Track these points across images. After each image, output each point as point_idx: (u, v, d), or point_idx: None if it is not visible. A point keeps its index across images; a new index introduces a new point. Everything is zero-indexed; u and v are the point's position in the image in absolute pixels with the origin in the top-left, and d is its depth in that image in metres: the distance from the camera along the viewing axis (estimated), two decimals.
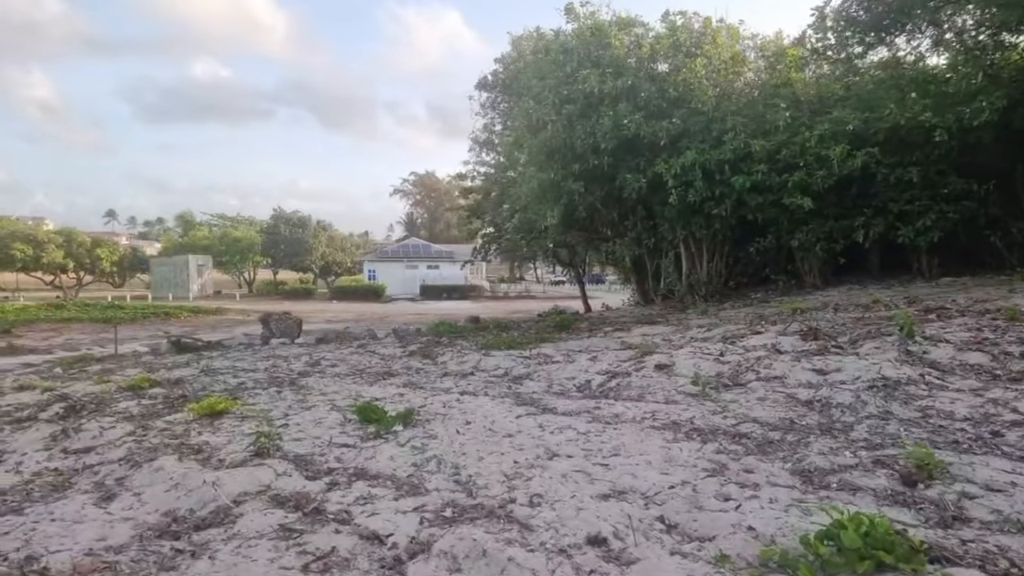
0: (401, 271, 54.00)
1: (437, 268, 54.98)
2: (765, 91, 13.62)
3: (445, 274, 54.05)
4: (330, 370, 9.76)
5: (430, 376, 8.61)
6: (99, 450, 5.30)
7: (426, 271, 54.53)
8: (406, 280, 52.64)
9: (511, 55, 17.52)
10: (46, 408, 6.73)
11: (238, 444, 5.02)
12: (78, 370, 12.01)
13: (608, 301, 31.45)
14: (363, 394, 7.07)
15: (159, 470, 4.40)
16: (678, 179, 12.51)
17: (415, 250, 57.42)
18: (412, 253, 56.61)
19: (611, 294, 49.21)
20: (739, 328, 9.10)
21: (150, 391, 7.89)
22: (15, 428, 6.33)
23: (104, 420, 6.23)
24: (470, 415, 5.55)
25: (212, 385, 8.34)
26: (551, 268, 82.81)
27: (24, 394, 8.82)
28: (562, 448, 4.42)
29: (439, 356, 10.61)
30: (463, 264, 41.19)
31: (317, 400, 6.83)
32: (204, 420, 5.95)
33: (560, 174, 13.48)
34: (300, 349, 13.80)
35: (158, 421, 6.10)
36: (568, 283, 71.48)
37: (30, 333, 23.06)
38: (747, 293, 14.35)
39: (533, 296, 50.23)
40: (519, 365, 8.75)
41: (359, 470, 4.27)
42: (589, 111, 13.27)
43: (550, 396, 6.47)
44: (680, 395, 5.64)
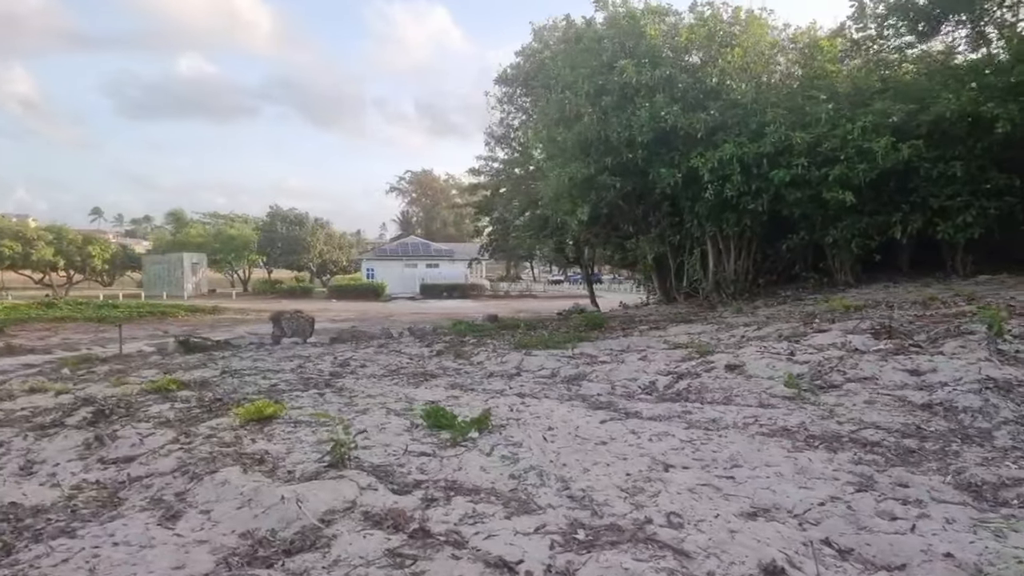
0: (400, 269, 53.36)
1: (437, 267, 54.43)
2: (804, 83, 13.20)
3: (444, 273, 53.53)
4: (362, 371, 9.31)
5: (473, 377, 8.18)
6: (143, 460, 4.83)
7: (425, 270, 53.95)
8: (405, 279, 52.04)
9: (533, 46, 17.04)
10: (72, 413, 6.25)
11: (302, 453, 4.58)
12: (86, 371, 11.49)
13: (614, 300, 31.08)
14: (413, 397, 6.63)
15: (224, 484, 3.95)
16: (715, 173, 12.13)
17: (414, 248, 56.81)
18: (411, 252, 55.99)
19: (612, 293, 48.87)
20: (793, 326, 8.72)
21: (178, 393, 7.41)
22: (40, 435, 5.84)
23: (139, 426, 5.75)
24: (545, 420, 5.12)
25: (242, 387, 7.87)
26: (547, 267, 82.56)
27: (37, 397, 8.32)
28: (670, 457, 4.00)
29: (473, 356, 10.18)
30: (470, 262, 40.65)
31: (366, 403, 6.38)
32: (252, 426, 5.49)
33: (593, 168, 13.03)
34: (318, 349, 13.32)
35: (200, 427, 5.63)
36: (567, 282, 71.22)
37: (23, 332, 22.42)
38: (776, 291, 13.98)
39: (535, 295, 49.82)
40: (566, 365, 8.33)
41: (451, 483, 3.84)
42: (625, 103, 12.83)
43: (620, 399, 6.06)
44: (774, 398, 5.23)
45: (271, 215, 58.50)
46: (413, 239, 61.39)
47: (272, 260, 56.70)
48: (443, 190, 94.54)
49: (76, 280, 49.81)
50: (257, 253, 53.84)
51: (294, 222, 56.52)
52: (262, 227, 56.78)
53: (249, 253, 54.30)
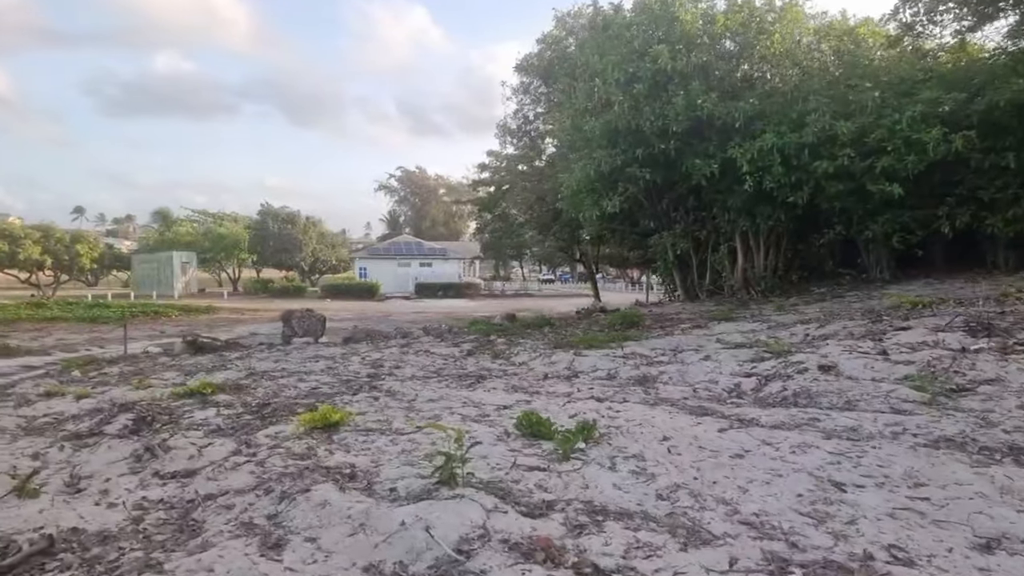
0: (393, 269, 52.54)
1: (430, 266, 53.68)
2: (847, 70, 12.77)
3: (438, 272, 52.82)
4: (399, 372, 8.78)
5: (526, 378, 7.67)
6: (208, 474, 4.30)
7: (419, 269, 53.18)
8: (398, 278, 51.26)
9: (554, 33, 16.51)
10: (110, 420, 5.68)
11: (394, 467, 4.07)
12: (97, 373, 10.88)
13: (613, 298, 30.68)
14: (480, 401, 6.12)
15: (324, 505, 3.43)
16: (753, 164, 11.72)
17: (407, 247, 56.01)
18: (404, 251, 55.18)
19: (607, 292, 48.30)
20: (859, 324, 8.30)
21: (215, 398, 6.85)
22: (78, 445, 5.28)
23: (190, 434, 5.21)
24: (649, 428, 4.64)
25: (282, 390, 7.32)
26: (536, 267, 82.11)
27: (57, 402, 7.72)
28: (832, 473, 3.54)
29: (511, 356, 9.69)
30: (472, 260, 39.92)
31: (431, 409, 5.86)
32: (318, 434, 4.97)
33: (621, 159, 12.55)
34: (335, 349, 12.76)
35: (258, 435, 5.10)
36: (558, 281, 70.85)
37: (15, 333, 21.59)
38: (808, 288, 13.58)
39: (530, 294, 49.29)
40: (622, 366, 7.86)
41: (588, 504, 3.34)
42: (657, 91, 12.37)
43: (710, 402, 5.60)
44: (905, 403, 4.78)
45: (262, 213, 57.45)
46: (406, 238, 60.62)
47: (264, 259, 55.69)
48: (433, 189, 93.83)
49: (63, 280, 48.62)
50: (248, 252, 52.81)
51: (286, 220, 55.51)
52: (253, 225, 55.72)
53: (239, 252, 53.28)
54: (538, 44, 16.48)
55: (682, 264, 16.10)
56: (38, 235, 44.19)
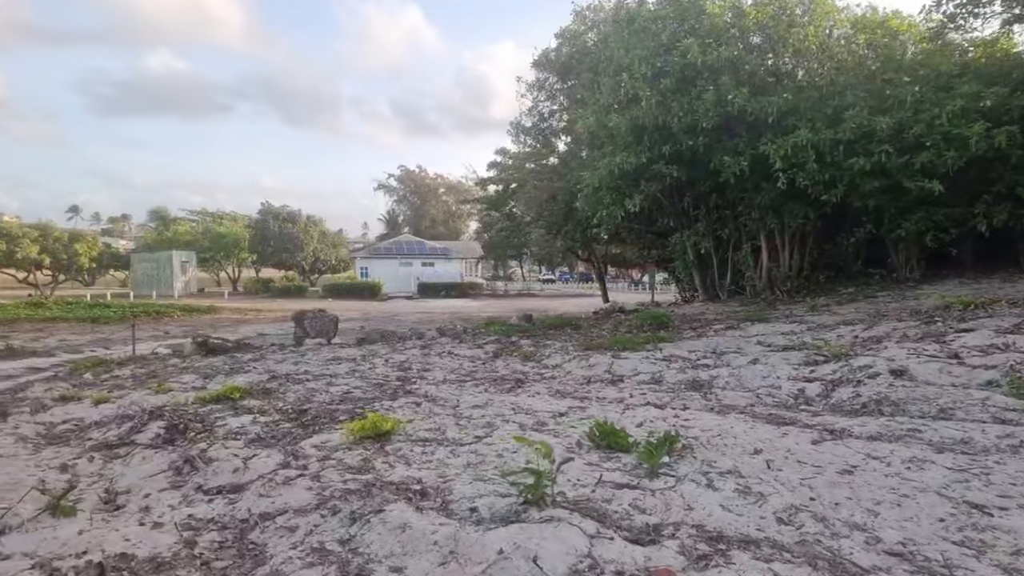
0: (395, 268, 52.09)
1: (432, 265, 53.24)
2: (884, 64, 12.41)
3: (440, 271, 52.38)
4: (428, 375, 8.43)
5: (567, 382, 7.34)
6: (258, 490, 3.95)
7: (421, 268, 52.73)
8: (400, 277, 50.82)
9: (573, 28, 16.13)
10: (141, 429, 5.32)
11: (467, 484, 3.72)
12: (108, 376, 10.51)
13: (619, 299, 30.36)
14: (531, 408, 5.78)
15: (404, 528, 3.08)
16: (786, 161, 11.40)
17: (409, 247, 55.56)
18: (406, 250, 54.73)
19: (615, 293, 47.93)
20: (910, 325, 7.98)
21: (244, 403, 6.50)
22: (108, 456, 4.93)
23: (230, 445, 4.86)
24: (733, 439, 4.30)
25: (313, 395, 6.96)
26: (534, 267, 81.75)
27: (74, 407, 7.36)
28: (964, 493, 3.20)
29: (542, 358, 9.34)
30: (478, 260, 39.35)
31: (480, 416, 5.52)
32: (369, 444, 4.62)
33: (647, 156, 12.20)
34: (352, 350, 12.40)
35: (304, 446, 4.75)
36: (559, 281, 70.52)
37: (15, 333, 21.18)
38: (835, 288, 13.26)
39: (533, 294, 48.90)
40: (666, 369, 7.53)
41: (700, 529, 3.01)
42: (685, 86, 12.03)
43: (781, 409, 5.28)
44: (1008, 411, 4.44)
45: (263, 212, 56.95)
46: (408, 237, 60.18)
47: (264, 258, 55.19)
48: (433, 188, 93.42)
49: (61, 280, 48.10)
50: (248, 251, 52.31)
51: (286, 219, 55.02)
52: (254, 224, 55.22)
53: (239, 251, 52.79)
54: (556, 39, 16.15)
55: (702, 263, 15.77)
56: (36, 234, 43.66)
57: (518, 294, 48.97)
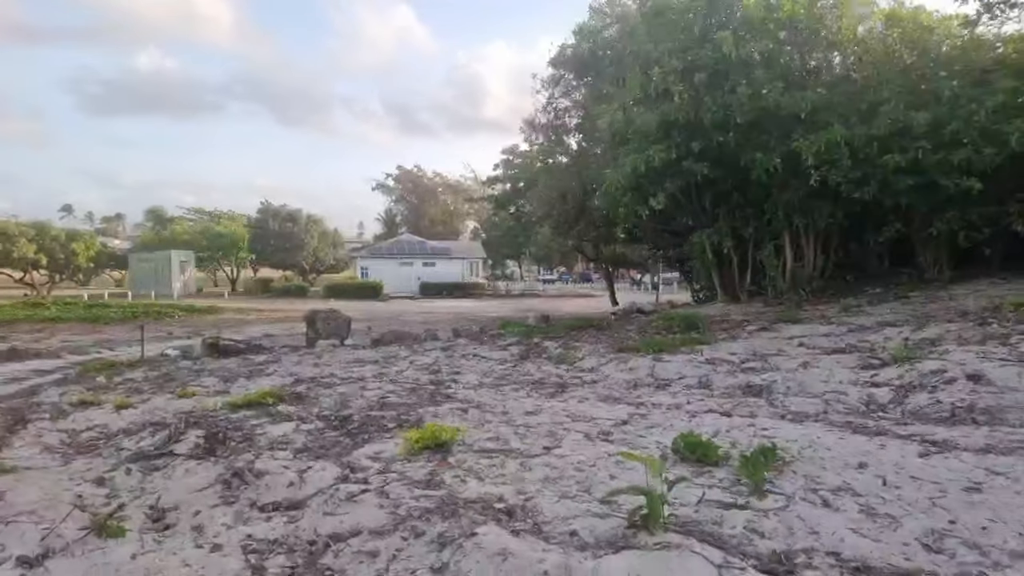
0: (396, 268, 51.62)
1: (433, 265, 52.80)
2: (920, 58, 12.10)
3: (441, 271, 51.96)
4: (461, 379, 8.12)
5: (612, 386, 7.05)
6: (321, 507, 3.64)
7: (422, 268, 52.32)
8: (401, 277, 50.35)
9: (591, 25, 15.81)
10: (179, 438, 4.99)
11: (554, 503, 3.43)
12: (122, 379, 10.17)
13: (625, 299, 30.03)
14: (588, 415, 5.48)
15: (504, 556, 2.77)
16: (819, 158, 11.01)
17: (410, 247, 55.12)
18: (407, 250, 54.29)
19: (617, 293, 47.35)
20: (963, 327, 7.71)
21: (279, 409, 6.18)
22: (146, 467, 4.61)
23: (278, 455, 4.54)
24: (827, 451, 4.01)
25: (349, 400, 6.65)
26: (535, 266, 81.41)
27: (95, 413, 7.03)
28: None
29: (575, 360, 9.04)
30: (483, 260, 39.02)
31: (538, 423, 5.21)
32: (430, 455, 4.32)
33: (676, 153, 11.89)
34: (370, 352, 12.10)
35: (358, 456, 4.45)
36: (559, 281, 70.19)
37: (15, 334, 20.78)
38: (861, 288, 12.99)
39: (536, 294, 48.51)
40: (712, 373, 7.24)
41: (837, 556, 2.72)
42: (718, 80, 11.74)
43: (856, 416, 4.99)
44: None
45: (262, 211, 56.47)
46: (408, 237, 59.73)
47: (264, 258, 54.72)
48: (431, 188, 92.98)
49: (58, 280, 47.57)
50: (248, 251, 51.83)
51: (287, 218, 54.56)
52: (254, 224, 54.74)
53: (239, 251, 52.29)
54: (575, 35, 15.82)
55: (721, 263, 15.49)
56: (33, 233, 43.10)
57: (521, 294, 48.61)
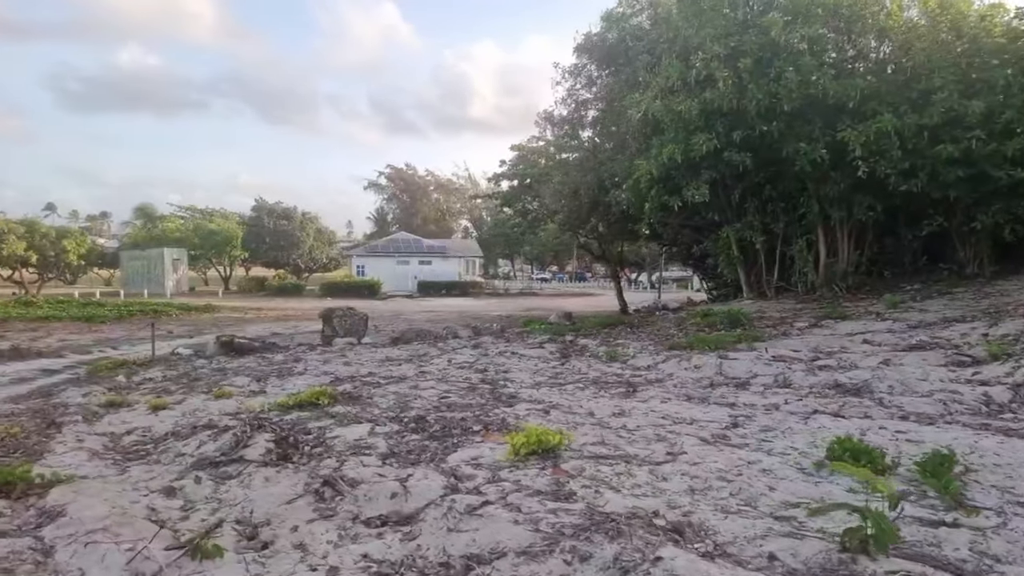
0: (392, 266, 50.90)
1: (430, 264, 52.13)
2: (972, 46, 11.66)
3: (438, 270, 51.31)
4: (513, 377, 7.68)
5: (688, 385, 6.63)
6: (439, 521, 3.19)
7: (418, 267, 51.61)
8: (397, 276, 49.64)
9: (619, 12, 15.25)
10: (247, 442, 4.51)
11: (722, 519, 3.00)
12: (141, 379, 9.66)
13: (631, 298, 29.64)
14: (690, 418, 5.06)
15: None
16: (867, 148, 10.54)
17: (406, 245, 54.39)
18: (403, 248, 53.56)
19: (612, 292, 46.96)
20: None
21: (337, 410, 5.71)
22: (216, 476, 4.13)
23: (365, 461, 4.08)
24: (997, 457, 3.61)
25: (408, 401, 6.19)
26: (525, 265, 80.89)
27: (128, 415, 6.53)
28: None
29: (628, 359, 8.62)
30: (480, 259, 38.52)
31: (636, 426, 4.78)
32: (535, 461, 3.88)
33: (717, 142, 11.43)
34: (395, 351, 11.62)
35: (454, 463, 4.00)
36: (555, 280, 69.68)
37: (9, 333, 20.13)
38: (898, 284, 12.64)
39: (535, 293, 47.93)
40: (787, 371, 6.85)
41: None
42: (763, 67, 11.32)
43: (987, 418, 4.59)
44: None
45: (257, 208, 55.59)
46: (404, 235, 59.01)
47: (258, 256, 53.82)
48: (423, 186, 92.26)
49: (48, 278, 46.50)
50: (242, 248, 50.93)
51: (281, 216, 53.73)
52: (248, 221, 53.86)
53: (232, 249, 51.37)
54: (602, 21, 15.31)
55: (747, 259, 15.12)
56: (23, 230, 42.05)
57: (519, 293, 48.08)
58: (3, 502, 3.60)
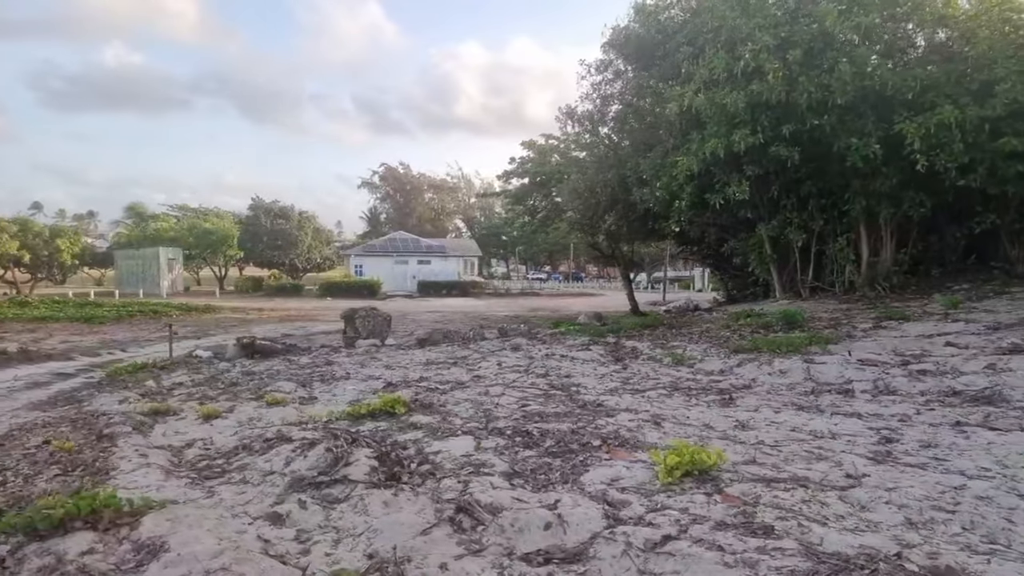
0: (391, 266, 50.20)
1: (428, 263, 51.49)
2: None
3: (437, 270, 50.70)
4: (581, 382, 7.19)
5: (786, 393, 6.17)
6: (623, 560, 2.71)
7: (417, 266, 50.96)
8: (395, 276, 48.98)
9: (651, 5, 14.73)
10: (349, 461, 3.99)
11: (986, 563, 2.51)
12: (171, 384, 9.07)
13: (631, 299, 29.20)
14: (814, 429, 4.59)
15: None
16: (926, 141, 10.15)
17: (404, 244, 53.70)
18: (401, 247, 52.85)
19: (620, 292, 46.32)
20: None
21: (416, 420, 5.20)
22: (320, 499, 3.62)
23: (492, 482, 3.58)
24: None
25: (484, 409, 5.68)
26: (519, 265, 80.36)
27: (178, 424, 5.98)
28: None
29: (695, 363, 8.16)
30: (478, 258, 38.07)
31: (769, 438, 4.31)
32: (695, 484, 3.39)
33: (764, 137, 11.00)
34: (430, 353, 11.09)
35: (594, 484, 3.51)
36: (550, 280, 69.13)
37: (8, 334, 19.43)
38: (945, 284, 12.26)
39: (537, 293, 47.45)
40: (885, 377, 6.41)
41: None
42: (814, 58, 10.88)
43: None
44: None
45: (254, 207, 54.77)
46: (402, 234, 58.31)
47: (255, 255, 52.99)
48: (417, 186, 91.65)
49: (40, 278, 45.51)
50: (238, 248, 50.08)
51: (279, 215, 52.95)
52: (245, 220, 53.02)
53: (227, 248, 50.52)
54: (635, 12, 14.75)
55: (781, 258, 14.71)
56: (15, 229, 41.10)
57: (520, 293, 47.56)
58: (91, 535, 3.07)
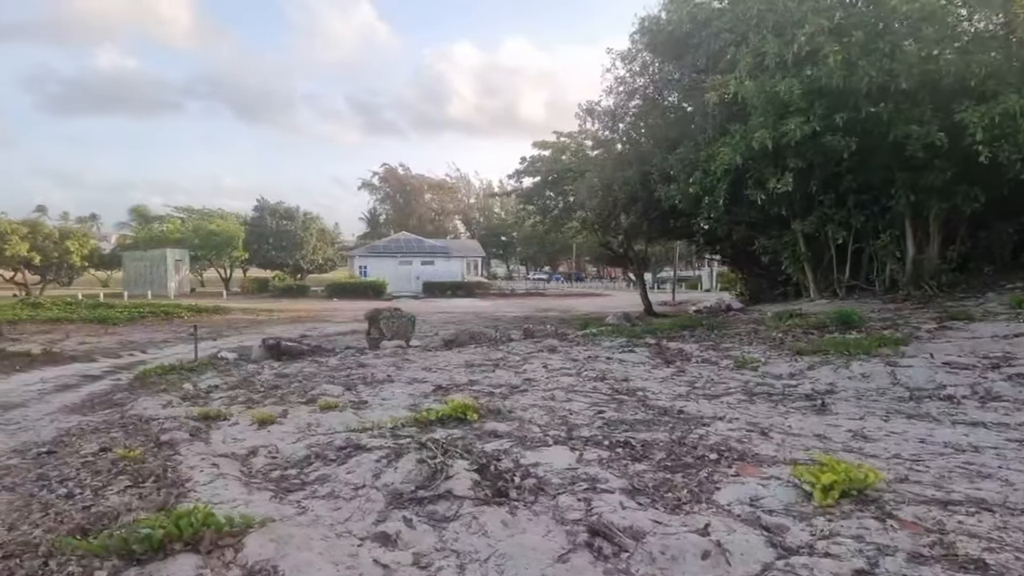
0: (395, 267, 49.74)
1: (432, 264, 51.00)
2: None
3: (441, 270, 50.24)
4: (641, 386, 6.85)
5: (869, 397, 5.81)
6: None
7: (421, 267, 50.44)
8: (400, 276, 48.50)
9: None
10: (449, 475, 3.62)
11: None
12: (207, 386, 8.70)
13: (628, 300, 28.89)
14: (934, 438, 4.23)
15: None
16: (989, 132, 9.58)
17: (408, 245, 53.25)
18: (405, 248, 52.36)
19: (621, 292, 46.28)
20: None
21: (491, 428, 4.85)
22: (427, 516, 3.26)
23: (626, 503, 3.22)
24: None
25: (559, 416, 5.31)
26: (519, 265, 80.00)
27: (232, 430, 5.61)
28: None
29: (759, 366, 7.79)
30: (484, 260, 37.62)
31: (894, 449, 3.95)
32: (854, 506, 3.03)
33: (817, 125, 10.57)
34: (461, 355, 10.74)
35: (726, 503, 3.14)
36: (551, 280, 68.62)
37: (24, 335, 19.13)
38: (997, 282, 11.87)
39: (543, 294, 46.98)
40: (982, 380, 6.06)
41: None
42: (873, 41, 10.43)
43: None
44: None
45: (259, 208, 54.41)
46: (406, 235, 57.91)
47: (260, 256, 52.62)
48: (417, 187, 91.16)
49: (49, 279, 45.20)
50: (243, 249, 49.75)
51: (284, 216, 52.58)
52: (251, 222, 52.67)
53: (233, 249, 50.18)
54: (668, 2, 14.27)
55: (816, 256, 14.34)
56: (25, 231, 40.80)
57: (526, 293, 47.13)
58: (194, 559, 2.71)
